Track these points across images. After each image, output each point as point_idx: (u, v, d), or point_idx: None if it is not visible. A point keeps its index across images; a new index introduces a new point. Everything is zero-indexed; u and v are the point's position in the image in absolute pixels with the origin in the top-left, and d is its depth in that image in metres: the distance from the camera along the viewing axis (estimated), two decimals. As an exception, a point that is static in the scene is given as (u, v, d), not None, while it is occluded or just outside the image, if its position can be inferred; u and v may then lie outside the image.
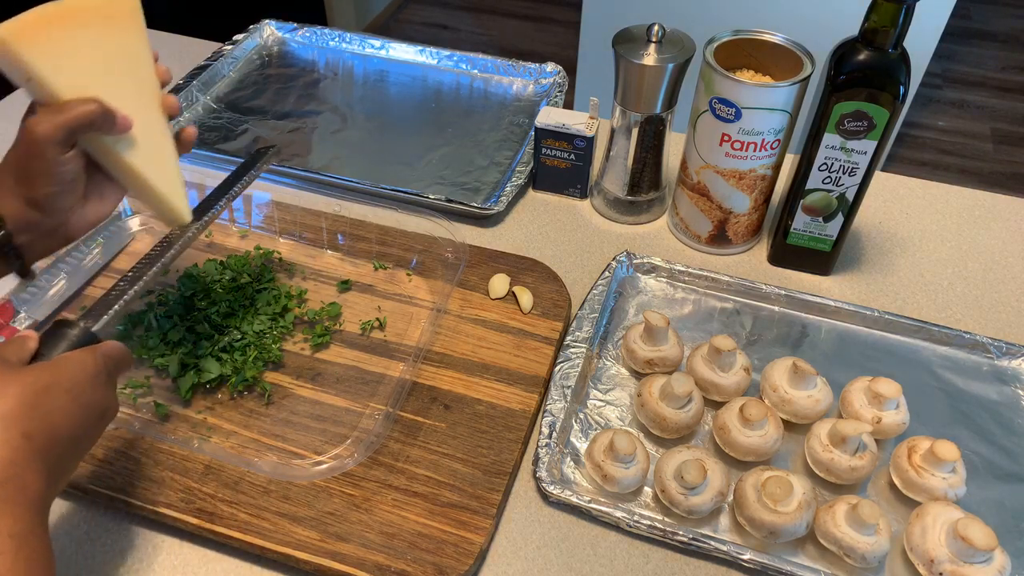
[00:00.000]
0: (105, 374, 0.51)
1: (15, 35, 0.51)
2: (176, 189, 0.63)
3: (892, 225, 0.94)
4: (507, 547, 0.63)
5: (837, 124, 0.74)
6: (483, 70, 1.16)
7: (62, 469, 0.48)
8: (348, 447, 0.67)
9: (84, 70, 0.55)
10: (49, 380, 0.48)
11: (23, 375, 0.47)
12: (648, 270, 0.85)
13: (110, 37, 0.58)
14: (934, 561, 0.58)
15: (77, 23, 0.55)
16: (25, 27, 0.52)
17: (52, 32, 0.53)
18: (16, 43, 0.51)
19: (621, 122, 0.86)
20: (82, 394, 0.49)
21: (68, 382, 0.48)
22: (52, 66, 0.53)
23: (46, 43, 0.53)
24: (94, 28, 0.56)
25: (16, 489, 0.44)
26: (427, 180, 0.97)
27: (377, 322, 0.78)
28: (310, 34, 1.23)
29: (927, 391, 0.74)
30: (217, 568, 0.62)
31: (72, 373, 0.49)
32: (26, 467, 0.45)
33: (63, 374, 0.49)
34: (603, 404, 0.73)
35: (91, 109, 0.54)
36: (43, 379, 0.47)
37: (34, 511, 0.45)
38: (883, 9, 0.69)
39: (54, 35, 0.53)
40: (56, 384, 0.48)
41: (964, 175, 2.40)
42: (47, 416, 0.47)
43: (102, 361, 0.51)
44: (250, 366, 0.72)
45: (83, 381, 0.49)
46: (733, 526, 0.64)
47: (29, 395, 0.46)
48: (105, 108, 0.54)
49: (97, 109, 0.54)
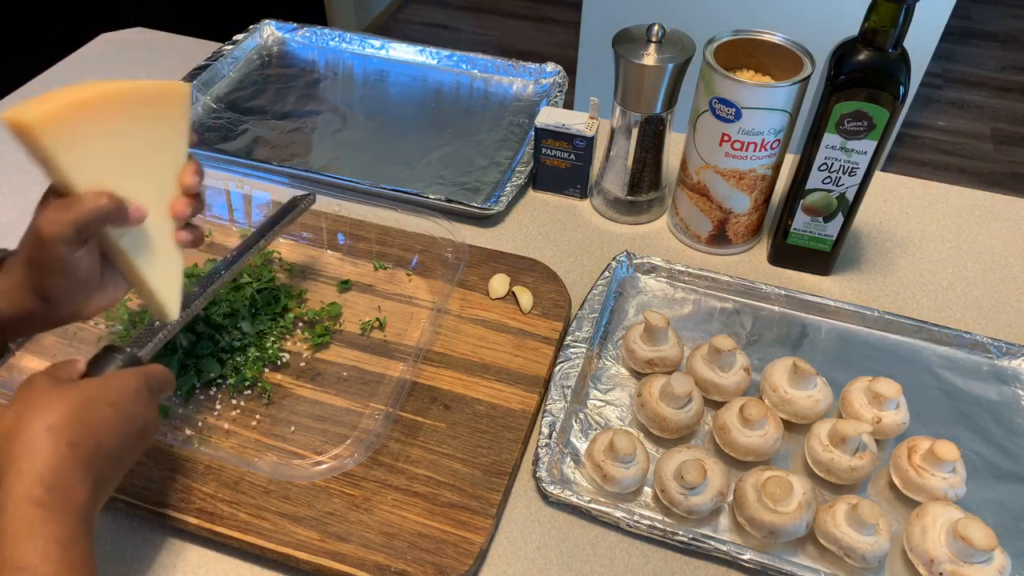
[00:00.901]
0: (147, 392, 0.53)
1: (42, 123, 0.47)
2: (170, 290, 0.59)
3: (892, 225, 0.94)
4: (507, 547, 0.63)
5: (837, 124, 0.74)
6: (483, 70, 1.16)
7: (105, 481, 0.50)
8: (348, 447, 0.67)
9: (107, 162, 0.52)
10: (95, 394, 0.50)
11: (70, 389, 0.49)
12: (648, 270, 0.85)
13: (145, 128, 0.54)
14: (934, 561, 0.58)
15: (115, 110, 0.51)
16: (52, 113, 0.48)
17: (82, 119, 0.49)
18: (41, 133, 0.48)
19: (621, 122, 0.86)
20: (125, 409, 0.51)
21: (112, 396, 0.51)
22: (74, 159, 0.50)
23: (72, 134, 0.49)
24: (131, 116, 0.52)
25: (61, 497, 0.46)
26: (427, 180, 0.97)
27: (377, 322, 0.78)
28: (310, 34, 1.23)
29: (927, 391, 0.74)
30: (217, 568, 0.62)
31: (118, 389, 0.51)
32: (71, 476, 0.47)
33: (109, 389, 0.51)
34: (603, 404, 0.73)
35: (102, 205, 0.50)
36: (89, 393, 0.50)
37: (78, 519, 0.47)
38: (883, 9, 0.69)
39: (83, 122, 0.50)
40: (101, 398, 0.50)
41: (964, 175, 2.40)
42: (92, 428, 0.49)
43: (144, 380, 0.53)
44: (250, 366, 0.73)
45: (127, 396, 0.51)
46: (733, 526, 0.64)
47: (76, 407, 0.48)
48: (117, 203, 0.51)
49: (109, 205, 0.50)
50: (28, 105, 0.48)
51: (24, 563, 0.43)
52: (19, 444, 0.46)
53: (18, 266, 0.55)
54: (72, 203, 0.50)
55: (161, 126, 0.55)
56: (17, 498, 0.45)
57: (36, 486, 0.45)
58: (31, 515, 0.44)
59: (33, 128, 0.47)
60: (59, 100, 0.49)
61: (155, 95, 0.54)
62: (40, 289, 0.54)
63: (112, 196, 0.51)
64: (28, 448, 0.46)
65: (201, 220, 0.89)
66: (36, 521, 0.44)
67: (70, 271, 0.53)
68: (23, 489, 0.45)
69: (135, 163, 0.54)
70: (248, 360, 0.73)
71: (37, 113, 0.47)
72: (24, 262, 0.54)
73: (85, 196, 0.50)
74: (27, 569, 0.43)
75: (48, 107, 0.48)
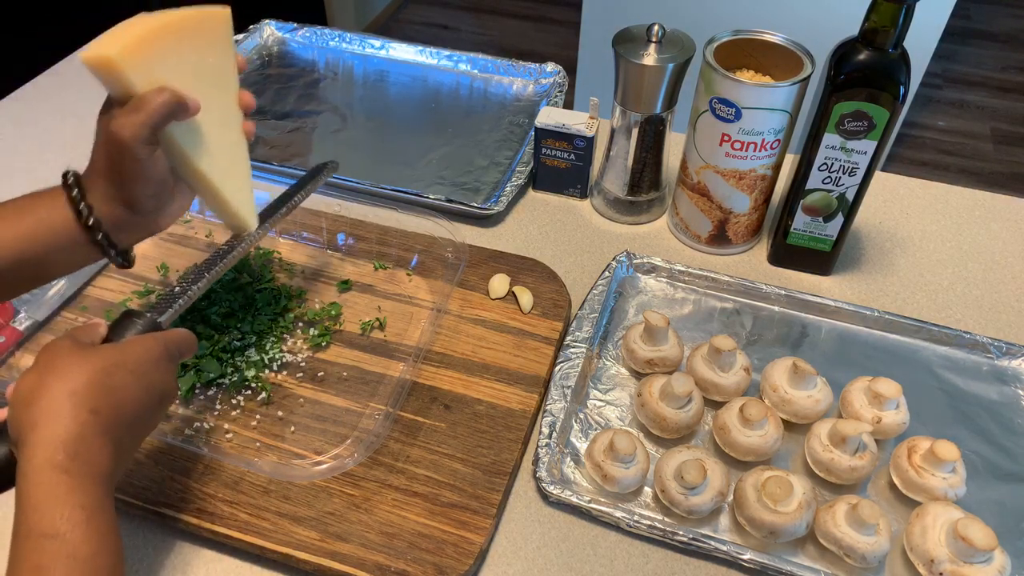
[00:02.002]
0: (167, 358, 0.54)
1: (124, 56, 0.51)
2: (245, 200, 0.63)
3: (892, 225, 0.94)
4: (507, 547, 0.63)
5: (837, 124, 0.74)
6: (483, 70, 1.16)
7: (125, 448, 0.50)
8: (348, 447, 0.67)
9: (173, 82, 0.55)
10: (117, 359, 0.50)
11: (93, 354, 0.49)
12: (648, 270, 0.85)
13: (200, 52, 0.58)
14: (934, 561, 0.58)
15: (174, 38, 0.55)
16: (130, 46, 0.52)
17: (152, 49, 0.53)
18: (123, 64, 0.51)
19: (621, 122, 0.86)
20: (146, 375, 0.51)
21: (134, 363, 0.51)
22: (150, 83, 0.53)
23: (145, 61, 0.53)
24: (187, 43, 0.56)
25: (85, 463, 0.46)
26: (427, 180, 0.97)
27: (377, 322, 0.78)
28: (310, 34, 1.23)
29: (927, 391, 0.74)
30: (217, 568, 0.62)
31: (138, 355, 0.51)
32: (93, 442, 0.47)
33: (130, 355, 0.51)
34: (603, 404, 0.73)
35: (166, 99, 0.53)
36: (112, 358, 0.50)
37: (101, 486, 0.46)
38: (883, 9, 0.69)
39: (153, 52, 0.53)
40: (123, 364, 0.50)
41: (964, 175, 2.40)
42: (113, 394, 0.49)
43: (164, 346, 0.54)
44: (250, 366, 0.73)
45: (148, 362, 0.52)
46: (733, 526, 0.64)
47: (98, 373, 0.48)
48: (177, 95, 0.53)
49: (171, 97, 0.53)
50: (102, 43, 0.51)
51: (52, 530, 0.43)
52: (40, 409, 0.46)
53: (98, 180, 0.56)
54: (139, 104, 0.52)
55: (212, 46, 0.59)
56: (39, 464, 0.44)
57: (59, 452, 0.45)
58: (55, 482, 0.44)
59: (118, 62, 0.51)
60: (129, 34, 0.52)
61: (202, 19, 0.58)
62: (124, 197, 0.56)
63: (171, 89, 0.53)
64: (50, 414, 0.46)
65: (202, 220, 0.90)
66: (61, 488, 0.44)
67: (149, 173, 0.55)
68: (46, 456, 0.45)
69: (198, 84, 0.57)
70: (248, 360, 0.73)
71: (119, 48, 0.51)
72: (103, 174, 0.55)
73: (148, 95, 0.52)
74: (55, 536, 0.43)
75: (124, 41, 0.52)
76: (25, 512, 0.44)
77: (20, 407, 0.47)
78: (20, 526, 0.44)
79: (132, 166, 0.54)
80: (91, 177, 0.56)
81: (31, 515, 0.43)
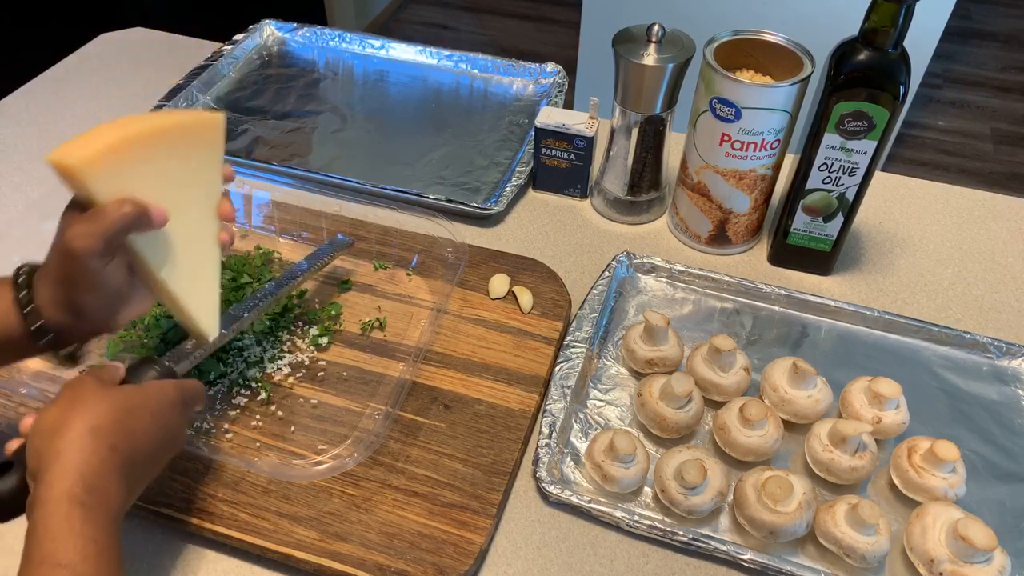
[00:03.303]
0: (182, 404, 0.56)
1: (87, 165, 0.49)
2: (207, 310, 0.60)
3: (892, 225, 0.94)
4: (507, 547, 0.63)
5: (837, 124, 0.74)
6: (483, 70, 1.16)
7: (134, 486, 0.52)
8: (348, 447, 0.67)
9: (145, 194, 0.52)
10: (139, 401, 0.52)
11: (116, 393, 0.51)
12: (648, 270, 0.85)
13: (184, 159, 0.55)
14: (934, 561, 0.58)
15: (155, 146, 0.53)
16: (95, 156, 0.50)
17: (122, 158, 0.51)
18: (84, 175, 0.49)
19: (621, 122, 0.86)
20: (163, 418, 0.53)
21: (155, 406, 0.53)
22: (115, 192, 0.51)
23: (113, 170, 0.51)
24: (170, 149, 0.54)
25: (101, 498, 0.47)
26: (427, 180, 0.97)
27: (377, 322, 0.78)
28: (310, 34, 1.23)
29: (927, 391, 0.74)
30: (217, 568, 0.62)
31: (158, 399, 0.54)
32: (110, 478, 0.48)
33: (151, 398, 0.53)
34: (603, 404, 0.73)
35: (126, 212, 0.50)
36: (134, 399, 0.52)
37: (113, 521, 0.48)
38: (883, 9, 0.69)
39: (124, 161, 0.51)
40: (144, 406, 0.52)
41: (964, 175, 2.40)
42: (132, 433, 0.50)
43: (181, 393, 0.56)
44: (250, 366, 0.73)
45: (166, 406, 0.54)
46: (733, 526, 0.64)
47: (119, 412, 0.50)
48: (140, 208, 0.51)
49: (132, 211, 0.51)
50: (72, 146, 0.50)
51: (65, 560, 0.44)
52: (63, 441, 0.47)
53: (48, 283, 0.54)
54: (97, 215, 0.50)
55: (197, 156, 0.57)
56: (58, 495, 0.46)
57: (77, 484, 0.46)
58: (72, 514, 0.45)
59: (79, 171, 0.49)
60: (101, 140, 0.50)
61: (191, 127, 0.56)
62: (73, 305, 0.54)
63: (134, 201, 0.51)
64: (72, 446, 0.47)
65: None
66: (76, 520, 0.45)
67: (101, 284, 0.53)
68: (64, 487, 0.46)
69: (172, 191, 0.55)
70: (248, 360, 0.73)
71: (82, 156, 0.49)
72: (54, 280, 0.54)
73: (108, 206, 0.50)
74: (67, 566, 0.44)
75: (91, 149, 0.50)
76: (39, 540, 0.45)
77: (43, 438, 0.48)
78: (33, 553, 0.44)
79: (83, 277, 0.52)
80: (42, 278, 0.55)
81: (45, 544, 0.44)
